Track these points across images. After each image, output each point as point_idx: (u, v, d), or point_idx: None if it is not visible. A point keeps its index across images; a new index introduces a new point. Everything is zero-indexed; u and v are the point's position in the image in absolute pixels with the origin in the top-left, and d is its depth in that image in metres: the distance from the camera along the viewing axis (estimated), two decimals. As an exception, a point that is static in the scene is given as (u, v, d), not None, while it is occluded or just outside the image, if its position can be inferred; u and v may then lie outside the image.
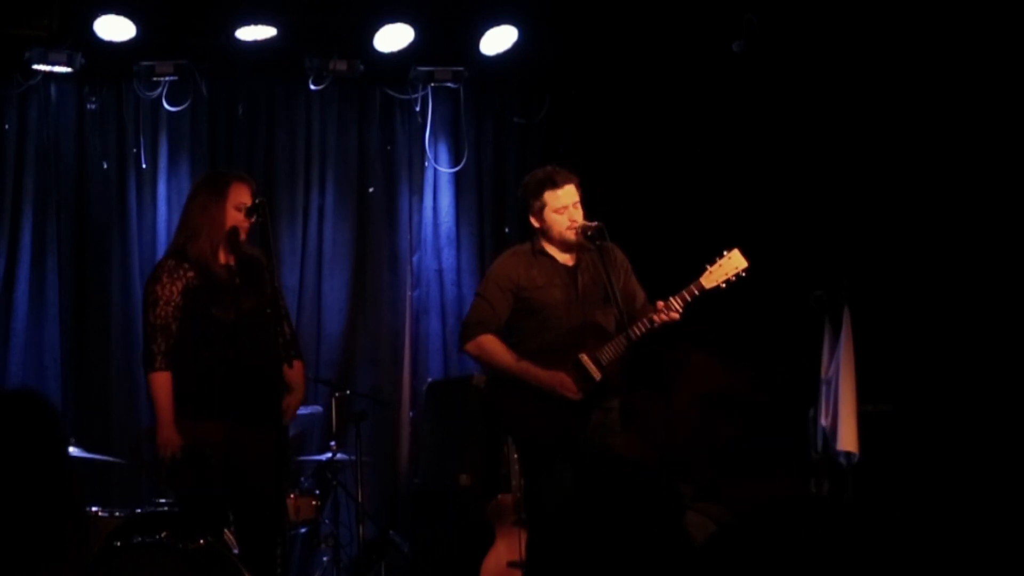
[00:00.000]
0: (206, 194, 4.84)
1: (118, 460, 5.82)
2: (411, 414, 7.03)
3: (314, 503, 5.91)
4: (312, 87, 6.80)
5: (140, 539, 4.52)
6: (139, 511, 5.14)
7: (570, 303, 4.96)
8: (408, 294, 7.15)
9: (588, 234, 4.89)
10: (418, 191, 7.22)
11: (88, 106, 6.71)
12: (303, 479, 6.15)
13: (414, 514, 6.61)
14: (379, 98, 7.14)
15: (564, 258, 5.04)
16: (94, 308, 6.66)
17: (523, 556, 5.10)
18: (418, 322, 7.15)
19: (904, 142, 6.02)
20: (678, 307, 4.78)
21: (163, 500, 5.33)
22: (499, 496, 5.61)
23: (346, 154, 7.12)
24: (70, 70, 6.38)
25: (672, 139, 7.00)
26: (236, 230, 4.78)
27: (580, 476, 4.72)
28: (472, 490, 6.01)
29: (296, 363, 4.86)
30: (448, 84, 7.06)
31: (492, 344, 4.96)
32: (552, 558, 2.25)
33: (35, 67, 6.33)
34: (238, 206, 4.77)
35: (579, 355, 4.85)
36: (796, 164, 6.45)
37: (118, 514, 5.06)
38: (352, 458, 6.13)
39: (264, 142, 7.00)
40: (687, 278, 4.86)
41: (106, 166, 6.73)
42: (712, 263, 4.87)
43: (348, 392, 6.29)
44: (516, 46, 6.69)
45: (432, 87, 7.08)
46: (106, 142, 6.74)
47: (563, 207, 4.95)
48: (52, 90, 6.65)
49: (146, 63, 6.53)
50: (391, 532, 6.33)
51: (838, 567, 2.67)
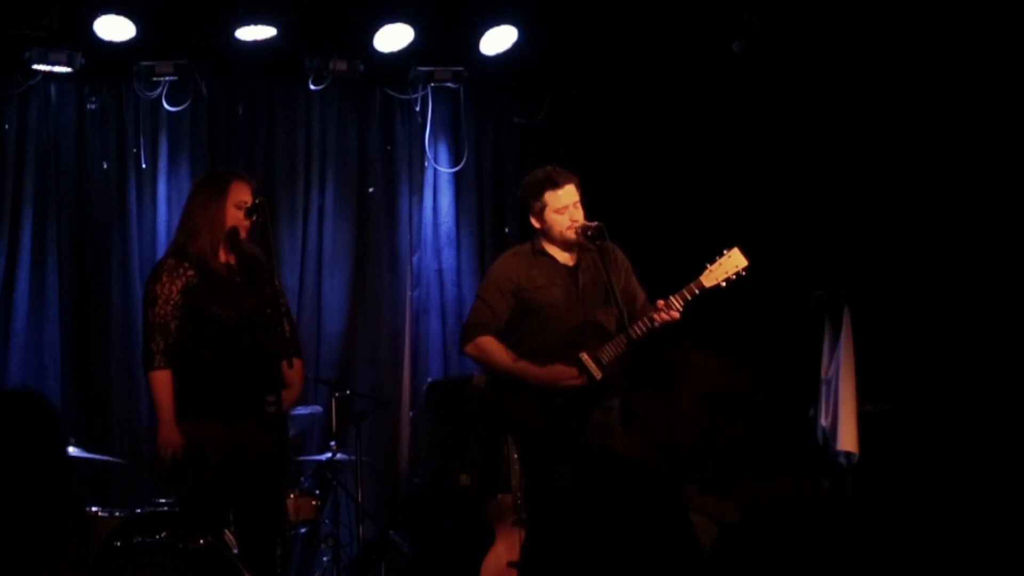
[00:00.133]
0: (207, 193, 4.84)
1: (118, 460, 5.82)
2: (411, 414, 7.03)
3: (314, 503, 5.91)
4: (312, 87, 6.80)
5: (140, 539, 4.52)
6: (139, 511, 5.13)
7: (570, 303, 4.97)
8: (408, 294, 7.15)
9: (588, 234, 4.89)
10: (418, 191, 7.22)
11: (88, 106, 6.70)
12: (303, 479, 6.15)
13: (414, 514, 6.61)
14: (379, 98, 7.13)
15: (564, 258, 5.04)
16: (94, 308, 6.67)
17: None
18: (418, 322, 7.15)
19: (904, 142, 6.02)
20: (678, 306, 4.78)
21: (163, 500, 5.33)
22: (499, 496, 5.61)
23: (346, 154, 7.12)
24: (70, 70, 6.38)
25: (672, 139, 7.00)
26: (236, 229, 4.77)
27: (580, 476, 4.72)
28: (472, 490, 6.01)
29: (296, 362, 4.86)
30: (448, 84, 7.06)
31: (491, 345, 4.96)
32: (551, 558, 2.25)
33: (35, 67, 6.33)
34: (239, 205, 4.77)
35: (580, 354, 4.85)
36: (796, 164, 6.45)
37: (118, 514, 5.05)
38: (352, 458, 6.13)
39: (264, 142, 7.00)
40: (687, 277, 4.86)
41: (106, 166, 6.73)
42: (712, 262, 4.87)
43: (348, 392, 6.29)
44: (516, 46, 6.69)
45: (432, 87, 7.07)
46: (106, 142, 6.74)
47: (564, 207, 4.95)
48: (52, 90, 6.65)
49: (146, 63, 6.53)
50: (391, 532, 6.33)
51: (839, 566, 2.67)
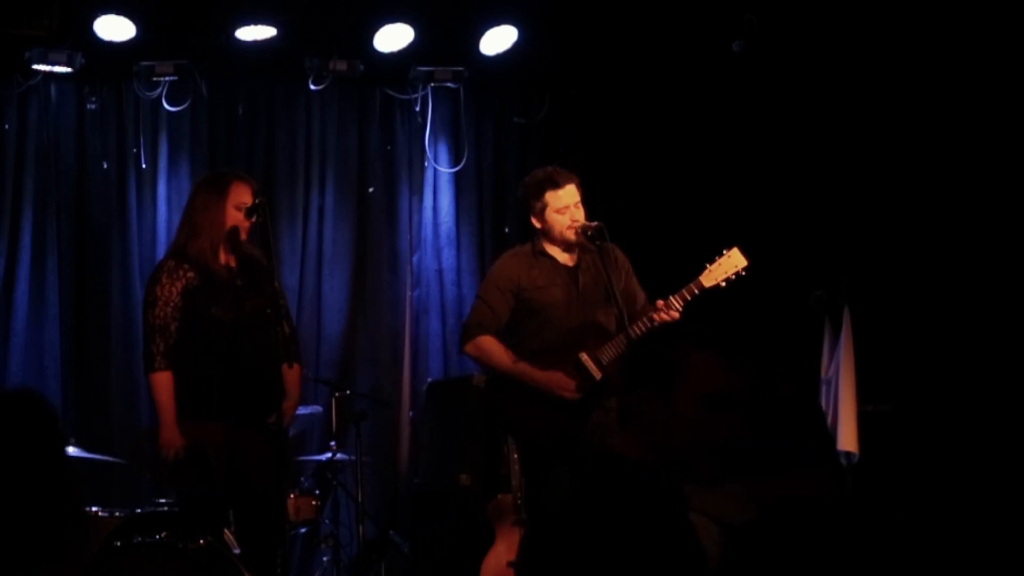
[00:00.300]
0: (206, 194, 4.84)
1: (118, 460, 5.81)
2: (411, 414, 7.03)
3: (314, 503, 5.91)
4: (312, 87, 6.80)
5: (140, 539, 4.52)
6: (139, 511, 5.12)
7: (570, 303, 4.97)
8: (408, 294, 7.15)
9: (588, 234, 4.88)
10: (418, 191, 7.22)
11: (88, 106, 6.70)
12: (303, 479, 6.15)
13: (414, 514, 6.60)
14: (379, 98, 7.13)
15: (565, 258, 5.03)
16: (94, 308, 6.66)
17: (523, 556, 5.09)
18: (418, 322, 7.15)
19: (904, 142, 6.01)
20: (678, 306, 4.78)
21: (163, 500, 5.33)
22: (499, 496, 5.60)
23: (346, 154, 7.11)
24: (70, 70, 6.38)
25: (672, 139, 7.00)
26: (236, 230, 4.78)
27: (580, 476, 4.73)
28: (472, 490, 6.00)
29: (294, 367, 4.86)
30: (448, 84, 7.05)
31: (490, 345, 4.96)
32: (550, 558, 2.25)
33: (35, 67, 6.33)
34: (239, 206, 4.77)
35: (579, 355, 4.85)
36: (796, 164, 6.44)
37: (118, 514, 5.05)
38: (352, 458, 6.13)
39: (264, 142, 7.00)
40: (687, 277, 4.86)
41: (106, 166, 6.73)
42: (712, 262, 4.87)
43: (348, 392, 6.28)
44: (516, 46, 6.68)
45: (432, 87, 7.07)
46: (106, 142, 6.74)
47: (564, 207, 4.95)
48: (52, 90, 6.65)
49: (146, 63, 6.53)
50: (391, 532, 6.33)
51: (839, 566, 2.67)
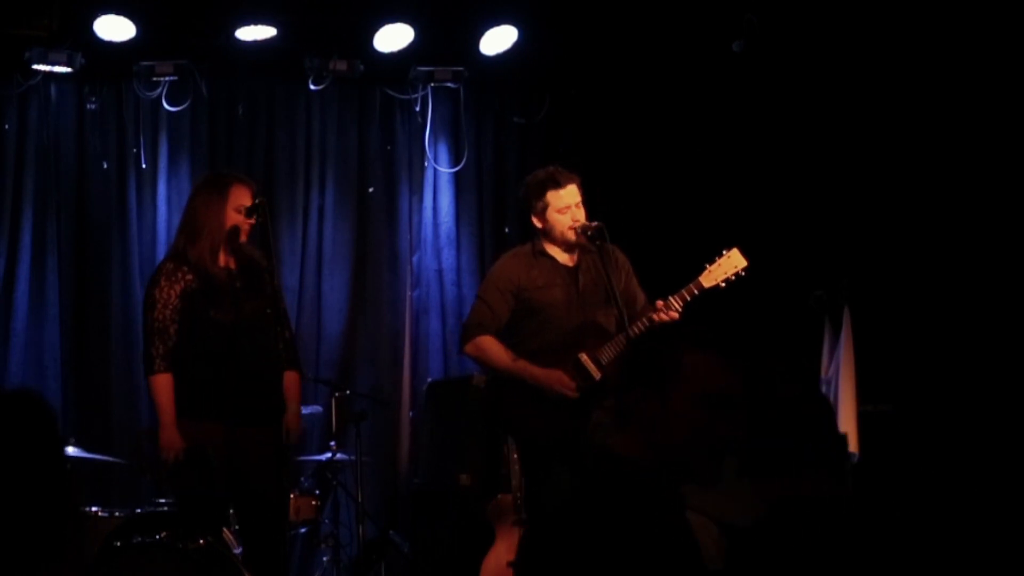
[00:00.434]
0: (206, 196, 4.85)
1: (118, 460, 5.82)
2: (411, 414, 7.03)
3: (314, 503, 5.91)
4: (312, 87, 6.80)
5: (140, 539, 4.51)
6: (139, 511, 5.12)
7: (570, 303, 4.97)
8: (408, 294, 7.15)
9: (588, 234, 4.89)
10: (418, 191, 7.22)
11: (88, 106, 6.71)
12: (303, 479, 6.15)
13: (414, 514, 6.60)
14: (379, 98, 7.13)
15: (565, 258, 5.04)
16: (94, 308, 6.67)
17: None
18: (418, 322, 7.15)
19: (904, 142, 6.01)
20: (677, 306, 4.78)
21: (163, 500, 5.33)
22: (499, 496, 5.60)
23: (346, 154, 7.12)
24: (70, 70, 6.38)
25: (672, 139, 7.00)
26: (237, 231, 4.78)
27: (580, 476, 4.73)
28: (472, 490, 6.00)
29: (293, 375, 4.87)
30: (448, 84, 7.05)
31: (490, 345, 4.97)
32: (550, 558, 2.24)
33: (35, 67, 6.33)
34: (238, 208, 4.78)
35: (579, 355, 4.85)
36: (796, 164, 6.44)
37: (118, 514, 5.04)
38: (352, 458, 6.13)
39: (264, 142, 7.00)
40: (687, 278, 4.86)
41: (106, 166, 6.73)
42: (712, 262, 4.88)
43: (348, 392, 6.29)
44: (516, 46, 6.68)
45: (432, 87, 7.07)
46: (106, 142, 6.74)
47: (566, 207, 4.95)
48: (52, 90, 6.65)
49: (146, 63, 6.53)
50: (391, 532, 6.32)
51: (839, 566, 2.66)
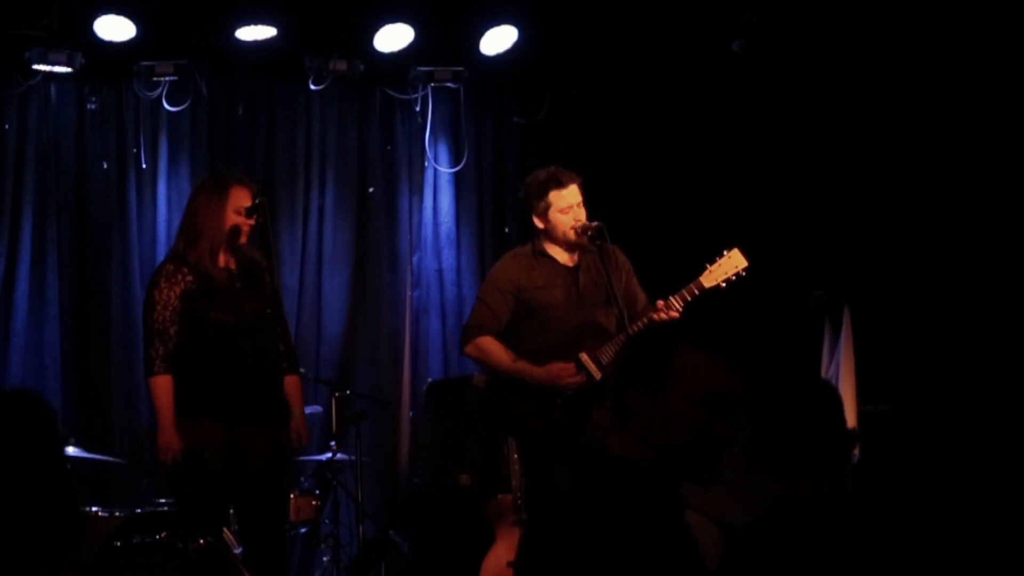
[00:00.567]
0: (206, 197, 4.85)
1: (118, 460, 5.82)
2: (411, 414, 7.03)
3: (314, 503, 5.91)
4: (312, 87, 6.80)
5: (140, 539, 4.52)
6: (139, 511, 5.13)
7: (571, 303, 4.97)
8: (408, 294, 7.15)
9: (588, 234, 4.89)
10: (418, 191, 7.22)
11: (88, 106, 6.70)
12: (303, 479, 6.15)
13: (414, 514, 6.60)
14: (379, 98, 7.13)
15: (565, 259, 5.04)
16: (94, 308, 6.66)
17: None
18: (418, 322, 7.15)
19: (904, 142, 6.01)
20: (678, 306, 4.79)
21: (163, 500, 5.33)
22: (499, 496, 5.60)
23: (346, 154, 7.11)
24: (70, 70, 6.38)
25: (672, 139, 6.99)
26: (237, 233, 4.78)
27: (580, 476, 4.72)
28: (472, 490, 6.00)
29: (294, 379, 4.87)
30: (448, 84, 7.05)
31: (490, 345, 4.97)
32: (550, 558, 2.24)
33: (35, 67, 6.32)
34: (238, 210, 4.78)
35: (579, 355, 4.85)
36: (796, 164, 6.44)
37: (118, 514, 5.04)
38: (352, 458, 6.13)
39: (264, 142, 7.00)
40: (687, 278, 4.86)
41: (106, 166, 6.73)
42: (712, 262, 4.88)
43: (348, 392, 6.29)
44: (516, 46, 6.68)
45: (432, 87, 7.07)
46: (106, 142, 6.74)
47: (568, 207, 4.95)
48: (52, 90, 6.65)
49: (146, 63, 6.53)
50: (391, 532, 6.32)
51: (839, 566, 2.66)
